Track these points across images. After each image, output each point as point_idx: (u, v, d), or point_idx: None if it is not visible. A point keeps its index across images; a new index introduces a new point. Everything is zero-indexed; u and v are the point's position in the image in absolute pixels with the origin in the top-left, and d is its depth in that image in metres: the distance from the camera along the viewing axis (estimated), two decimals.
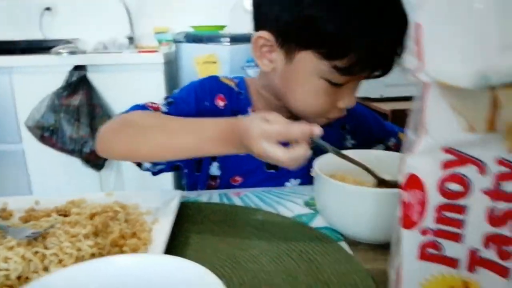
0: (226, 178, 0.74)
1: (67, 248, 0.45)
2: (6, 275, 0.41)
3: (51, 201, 0.60)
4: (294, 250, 0.50)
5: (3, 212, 0.58)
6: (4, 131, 1.98)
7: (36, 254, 0.44)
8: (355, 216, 0.50)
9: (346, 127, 0.82)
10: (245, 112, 0.72)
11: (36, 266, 0.43)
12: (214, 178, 0.75)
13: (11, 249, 0.44)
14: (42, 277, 0.33)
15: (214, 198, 0.67)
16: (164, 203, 0.60)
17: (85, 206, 0.57)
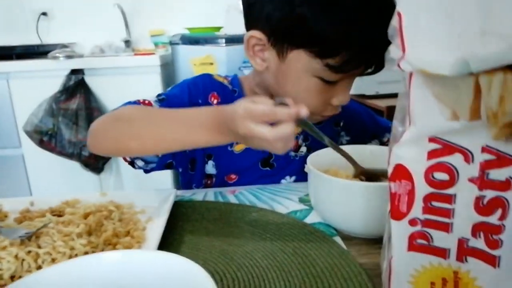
0: (221, 176, 0.74)
1: (60, 247, 0.45)
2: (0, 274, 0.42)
3: (46, 201, 0.60)
4: (288, 246, 0.50)
5: None
6: (3, 136, 1.98)
7: (29, 253, 0.44)
8: (347, 210, 0.50)
9: (341, 124, 0.82)
10: None
11: (29, 265, 0.43)
12: (210, 177, 0.74)
13: (4, 249, 0.44)
14: (32, 274, 0.33)
15: (209, 196, 0.67)
16: (159, 202, 0.60)
17: (79, 206, 0.57)
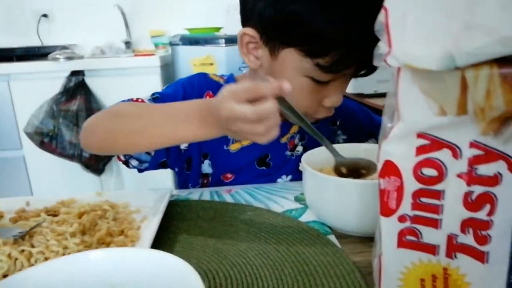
0: (218, 175, 0.74)
1: (53, 246, 0.45)
2: None
3: (41, 201, 0.60)
4: (282, 244, 0.50)
5: None
6: (4, 138, 1.99)
7: (22, 252, 0.44)
8: (341, 208, 0.50)
9: (337, 123, 0.81)
10: None
11: (23, 265, 0.43)
12: (206, 176, 0.74)
13: None
14: (23, 271, 0.33)
15: (205, 196, 0.67)
16: (154, 201, 0.60)
17: (74, 206, 0.58)
